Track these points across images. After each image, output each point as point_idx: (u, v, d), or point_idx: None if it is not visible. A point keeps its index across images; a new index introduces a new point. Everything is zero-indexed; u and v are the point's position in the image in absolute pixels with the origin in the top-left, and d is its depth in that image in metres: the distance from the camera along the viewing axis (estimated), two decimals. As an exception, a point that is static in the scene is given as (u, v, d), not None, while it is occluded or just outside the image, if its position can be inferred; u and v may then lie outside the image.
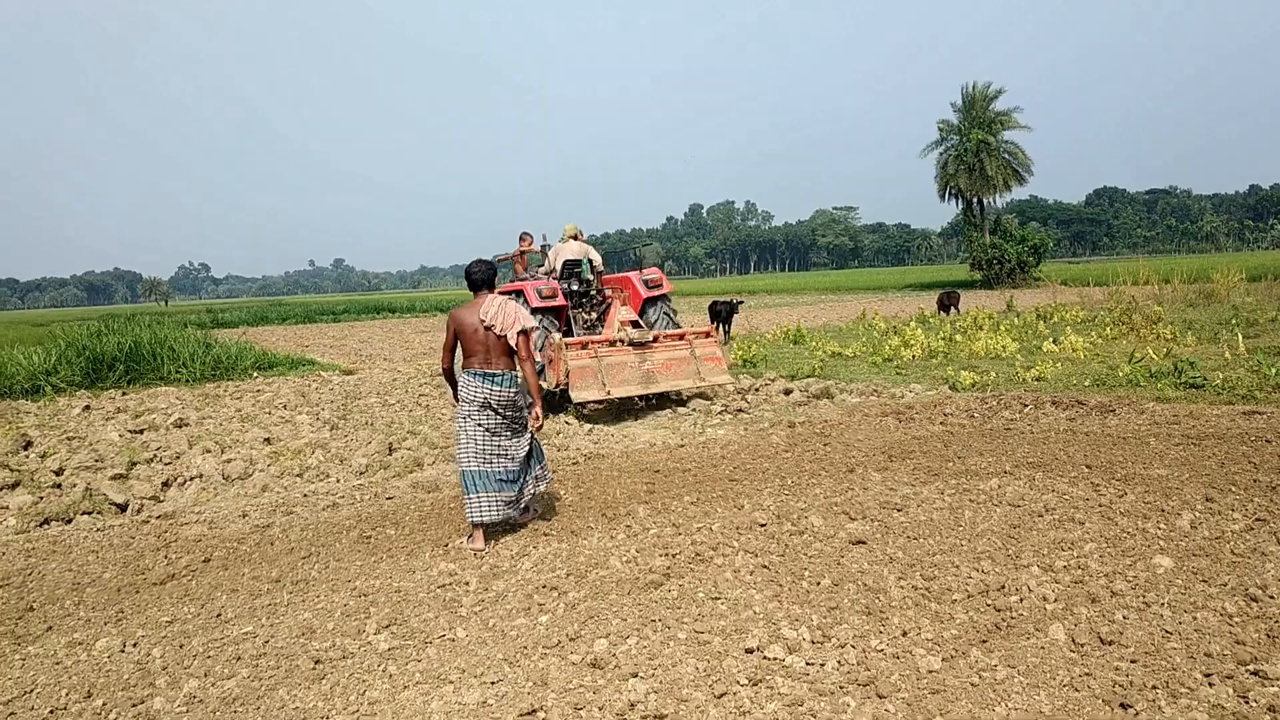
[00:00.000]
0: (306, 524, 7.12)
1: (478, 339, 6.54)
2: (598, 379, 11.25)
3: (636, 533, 6.32)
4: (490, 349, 6.54)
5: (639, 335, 11.67)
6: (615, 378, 11.34)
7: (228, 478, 9.09)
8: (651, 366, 11.59)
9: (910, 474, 7.83)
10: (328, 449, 10.20)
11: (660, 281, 13.17)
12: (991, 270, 54.10)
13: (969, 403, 11.40)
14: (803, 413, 11.42)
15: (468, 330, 6.56)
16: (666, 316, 13.04)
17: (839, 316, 31.86)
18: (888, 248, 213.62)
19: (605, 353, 11.47)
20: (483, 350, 6.55)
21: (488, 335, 6.52)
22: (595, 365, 11.32)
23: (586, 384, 11.19)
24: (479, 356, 6.56)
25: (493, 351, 6.55)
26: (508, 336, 6.52)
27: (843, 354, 17.44)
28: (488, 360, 6.55)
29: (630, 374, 11.46)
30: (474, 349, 6.57)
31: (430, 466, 9.27)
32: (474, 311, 6.57)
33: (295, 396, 15.10)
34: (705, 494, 7.37)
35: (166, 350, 19.17)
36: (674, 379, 11.74)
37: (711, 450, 9.29)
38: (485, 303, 6.59)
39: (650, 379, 11.56)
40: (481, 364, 6.56)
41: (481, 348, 6.55)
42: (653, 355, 11.65)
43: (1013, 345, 16.52)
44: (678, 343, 12.02)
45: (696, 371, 11.88)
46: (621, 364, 11.46)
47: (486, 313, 6.52)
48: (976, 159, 56.17)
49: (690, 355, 11.95)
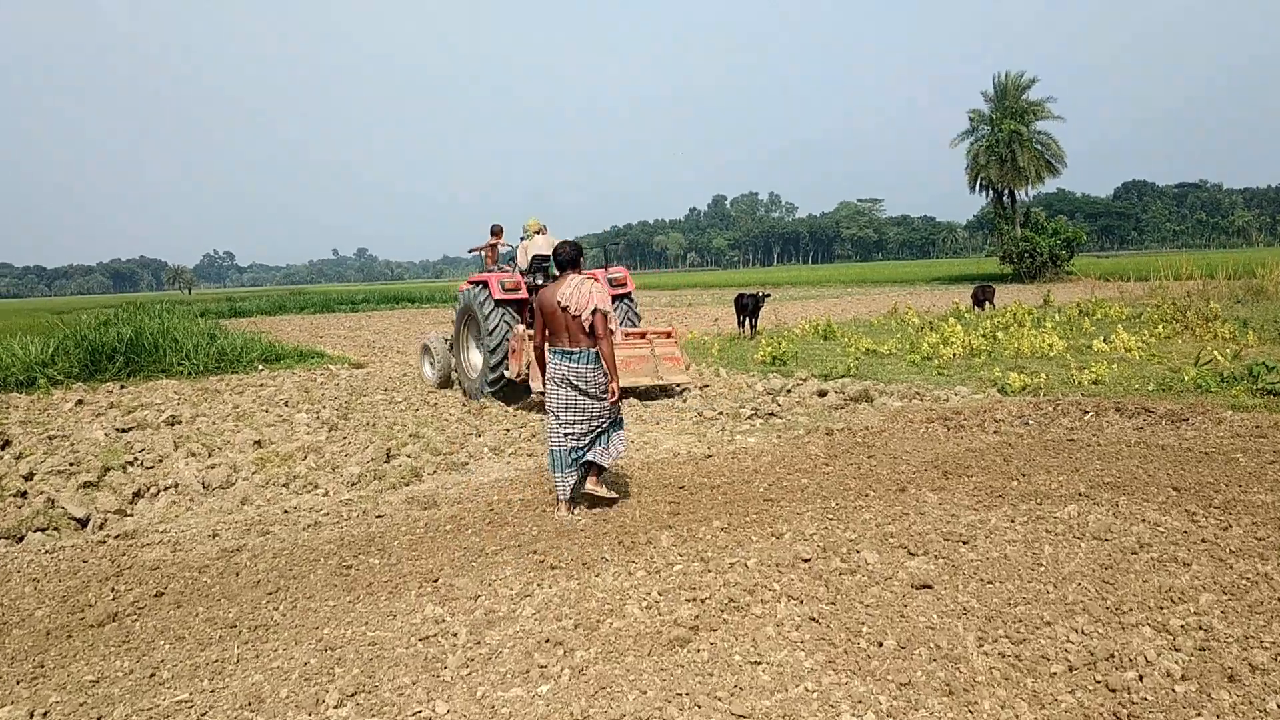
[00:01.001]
0: (281, 548, 6.22)
1: (557, 319, 6.80)
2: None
3: (658, 568, 5.39)
4: (569, 328, 6.77)
5: None
6: None
7: (207, 486, 8.22)
8: None
9: (971, 495, 6.86)
10: (321, 454, 9.32)
11: (625, 280, 13.46)
12: (1023, 264, 52.79)
13: (1021, 408, 10.41)
14: (840, 418, 10.45)
15: (548, 311, 6.83)
16: (631, 314, 13.41)
17: (868, 310, 30.79)
18: (913, 240, 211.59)
19: None
20: (562, 329, 6.81)
21: (565, 316, 6.74)
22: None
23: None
24: (561, 336, 6.84)
25: (571, 331, 6.77)
26: (582, 317, 6.69)
27: (878, 351, 16.44)
28: (569, 339, 6.79)
29: None
30: (556, 329, 6.86)
31: (430, 477, 8.37)
32: (554, 292, 6.80)
33: (298, 392, 14.25)
34: (737, 518, 6.42)
35: (169, 342, 18.40)
36: (633, 376, 12.05)
37: (742, 462, 8.33)
38: (565, 284, 6.81)
39: None
40: (563, 343, 6.83)
41: (562, 328, 6.80)
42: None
43: (1060, 344, 15.49)
44: (639, 341, 12.50)
45: (655, 370, 12.37)
46: None
47: (563, 294, 6.73)
48: (1008, 150, 54.78)
49: (650, 354, 12.45)
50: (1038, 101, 56.32)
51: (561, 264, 7.01)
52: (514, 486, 7.75)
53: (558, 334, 6.86)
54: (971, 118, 58.10)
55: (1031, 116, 55.89)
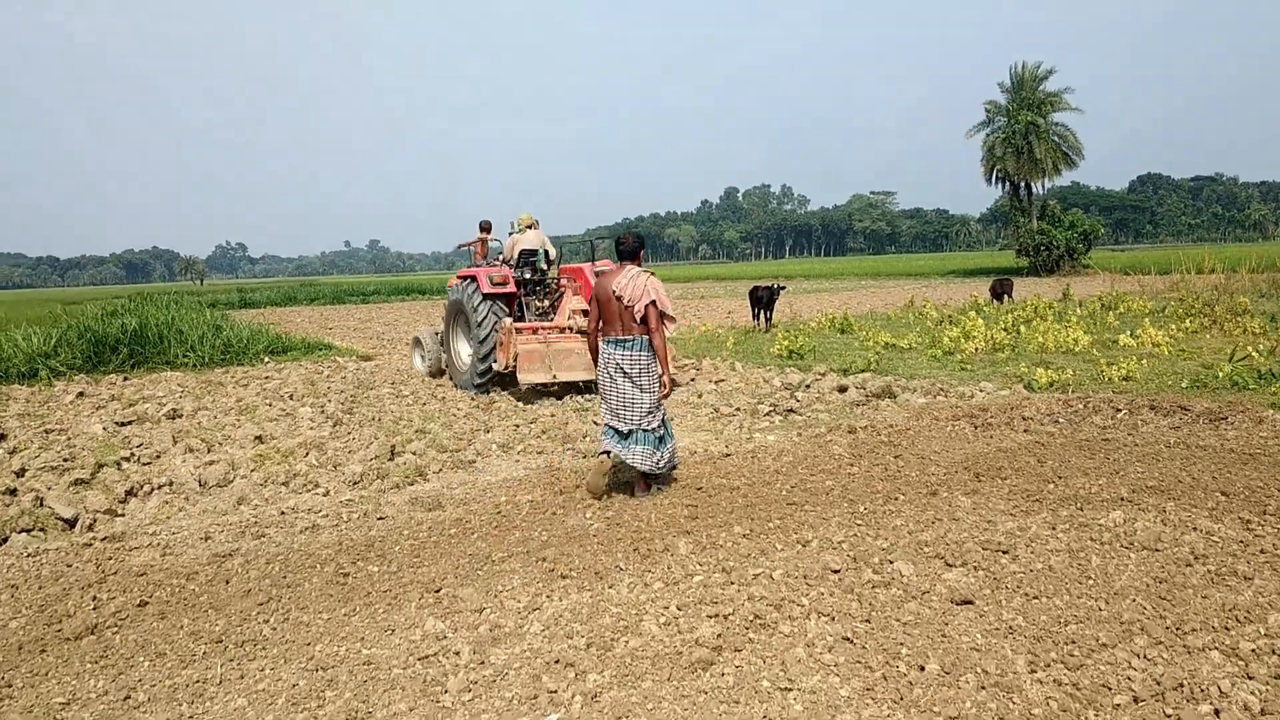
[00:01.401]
0: (275, 553, 5.87)
1: (611, 308, 6.93)
2: (545, 363, 11.79)
3: (677, 579, 5.02)
4: (622, 317, 6.90)
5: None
6: (562, 363, 11.88)
7: (204, 484, 7.89)
8: None
9: (1006, 499, 6.48)
10: (323, 450, 8.98)
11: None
12: (1039, 257, 52.17)
13: (1051, 405, 10.01)
14: (863, 415, 10.06)
15: (603, 299, 6.98)
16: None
17: (883, 303, 30.34)
18: (925, 233, 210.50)
19: (554, 339, 12.10)
20: (614, 318, 6.94)
21: (619, 304, 6.88)
22: (544, 350, 11.85)
23: (534, 367, 11.73)
24: (614, 324, 6.97)
25: (624, 320, 6.90)
26: (635, 308, 6.84)
27: (897, 346, 16.02)
28: (621, 328, 6.93)
29: (577, 360, 11.92)
30: (610, 317, 6.99)
31: (435, 476, 8.00)
32: (611, 281, 6.95)
33: (303, 385, 13.92)
34: (760, 523, 6.05)
35: (174, 333, 18.08)
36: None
37: (763, 462, 7.95)
38: (622, 274, 6.96)
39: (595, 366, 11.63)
40: (615, 331, 6.96)
41: (615, 316, 6.93)
42: None
43: (1085, 339, 15.04)
44: None
45: None
46: (569, 350, 11.98)
47: (619, 284, 6.89)
48: (1025, 141, 54.06)
49: None
50: (1055, 93, 55.56)
51: (623, 254, 7.22)
52: (523, 487, 7.39)
53: (610, 322, 7.01)
54: (988, 109, 57.39)
55: (1049, 108, 55.11)
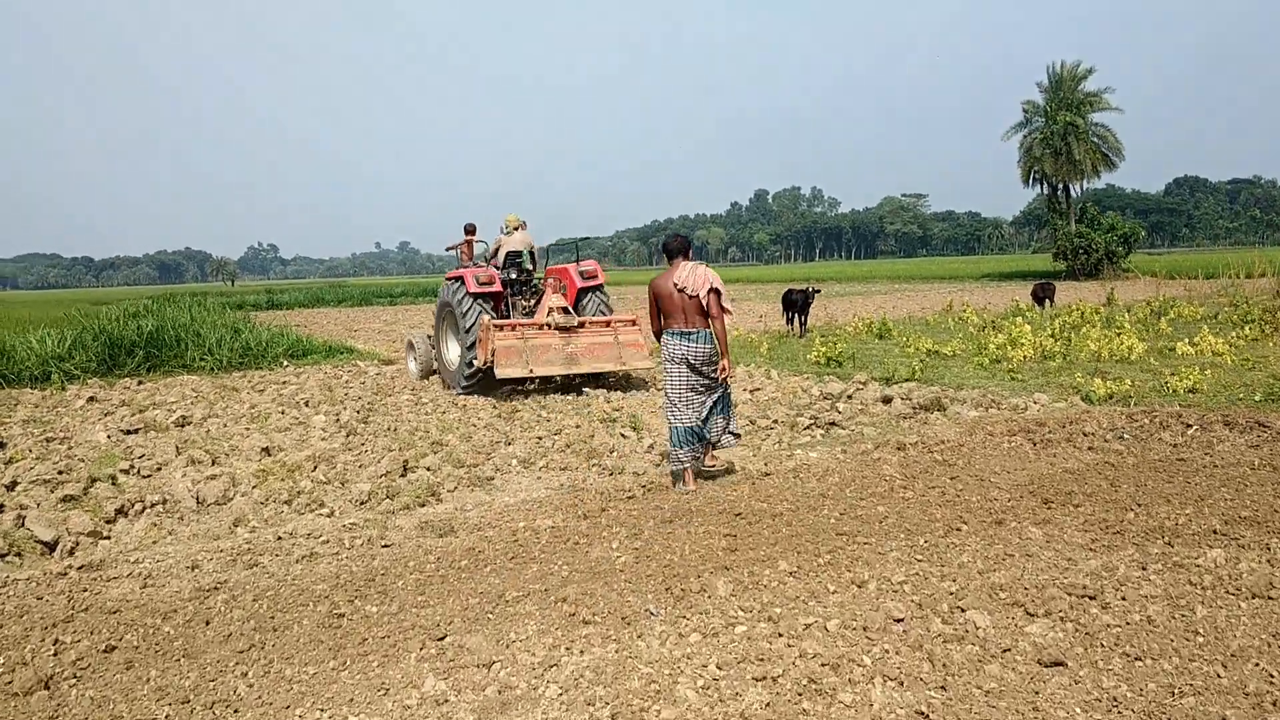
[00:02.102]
0: (265, 588, 5.25)
1: (673, 302, 7.29)
2: (522, 358, 12.04)
3: (716, 629, 4.36)
4: (685, 310, 7.26)
5: (564, 320, 12.59)
6: (539, 358, 12.18)
7: (201, 502, 7.31)
8: (575, 350, 12.48)
9: (1082, 530, 5.78)
10: (332, 464, 8.40)
11: (595, 273, 13.94)
12: (1077, 260, 51.00)
13: (1113, 420, 9.26)
14: (911, 429, 9.35)
15: (664, 295, 7.33)
16: (601, 305, 13.75)
17: (921, 308, 29.51)
18: (958, 236, 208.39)
19: (532, 335, 12.30)
20: (679, 312, 7.28)
21: (681, 297, 7.26)
22: (521, 345, 12.11)
23: (511, 362, 11.96)
24: (677, 318, 7.31)
25: (688, 312, 7.26)
26: (699, 296, 7.19)
27: (941, 353, 15.27)
28: (685, 320, 7.27)
29: (554, 355, 12.31)
30: (672, 311, 7.33)
31: (449, 496, 7.37)
32: (669, 278, 7.33)
33: (319, 391, 13.37)
34: (807, 557, 5.38)
35: (191, 336, 17.61)
36: (596, 361, 12.62)
37: (806, 483, 7.26)
38: (678, 269, 7.35)
39: (573, 360, 12.44)
40: (680, 324, 7.29)
41: (678, 310, 7.28)
42: (577, 339, 12.56)
43: (1139, 346, 14.24)
44: (603, 329, 12.89)
45: (618, 355, 12.72)
46: (546, 345, 12.30)
47: (679, 277, 7.27)
48: (1063, 142, 52.82)
49: (614, 340, 12.80)
50: (1095, 92, 54.29)
51: (672, 252, 7.48)
52: (543, 510, 6.74)
53: (673, 315, 7.32)
54: (1025, 109, 56.19)
55: (1088, 108, 53.92)
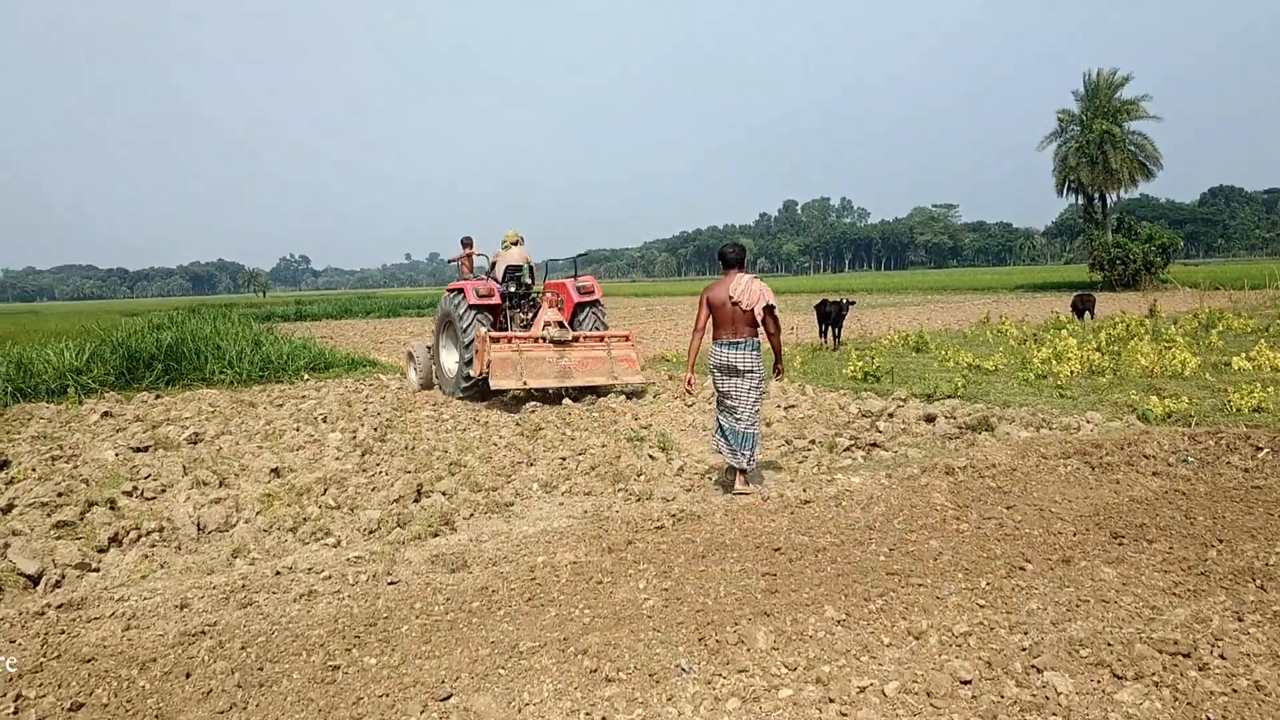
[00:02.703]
0: (257, 633, 4.76)
1: (725, 313, 7.46)
2: (516, 370, 12.30)
3: (757, 692, 3.82)
4: (736, 321, 7.43)
5: (559, 334, 12.82)
6: (533, 371, 12.43)
7: (202, 529, 6.86)
8: (569, 363, 12.73)
9: (1161, 570, 5.20)
10: (344, 486, 7.93)
11: (592, 289, 14.13)
12: (1115, 271, 50.05)
13: (1174, 441, 8.64)
14: (958, 451, 8.76)
15: (717, 304, 7.49)
16: (597, 320, 13.98)
17: (956, 320, 28.82)
18: (989, 247, 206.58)
19: (526, 348, 12.55)
20: (730, 323, 7.46)
21: (735, 310, 7.40)
22: (516, 358, 12.37)
23: (506, 374, 12.21)
24: (727, 328, 7.50)
25: (739, 323, 7.44)
26: (754, 310, 7.37)
27: (982, 367, 14.63)
28: (734, 331, 7.45)
29: (548, 368, 12.55)
30: (723, 321, 7.51)
31: (465, 524, 6.86)
32: (724, 288, 7.45)
33: (338, 406, 12.93)
34: (856, 602, 4.83)
35: (211, 349, 17.24)
36: (589, 375, 12.84)
37: (849, 512, 6.70)
38: (734, 280, 7.46)
39: (566, 374, 12.69)
40: (728, 335, 7.47)
41: (729, 321, 7.46)
42: (571, 353, 12.82)
43: (1193, 360, 13.56)
44: (596, 344, 13.10)
45: (610, 370, 12.93)
46: (540, 359, 12.55)
47: (735, 289, 7.39)
48: (1100, 151, 51.88)
49: (606, 355, 13.02)
50: (1131, 100, 53.32)
51: (729, 263, 7.63)
52: (565, 541, 6.21)
53: (723, 325, 7.51)
54: (1060, 118, 55.28)
55: (1125, 116, 52.98)
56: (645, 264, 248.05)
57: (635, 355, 13.31)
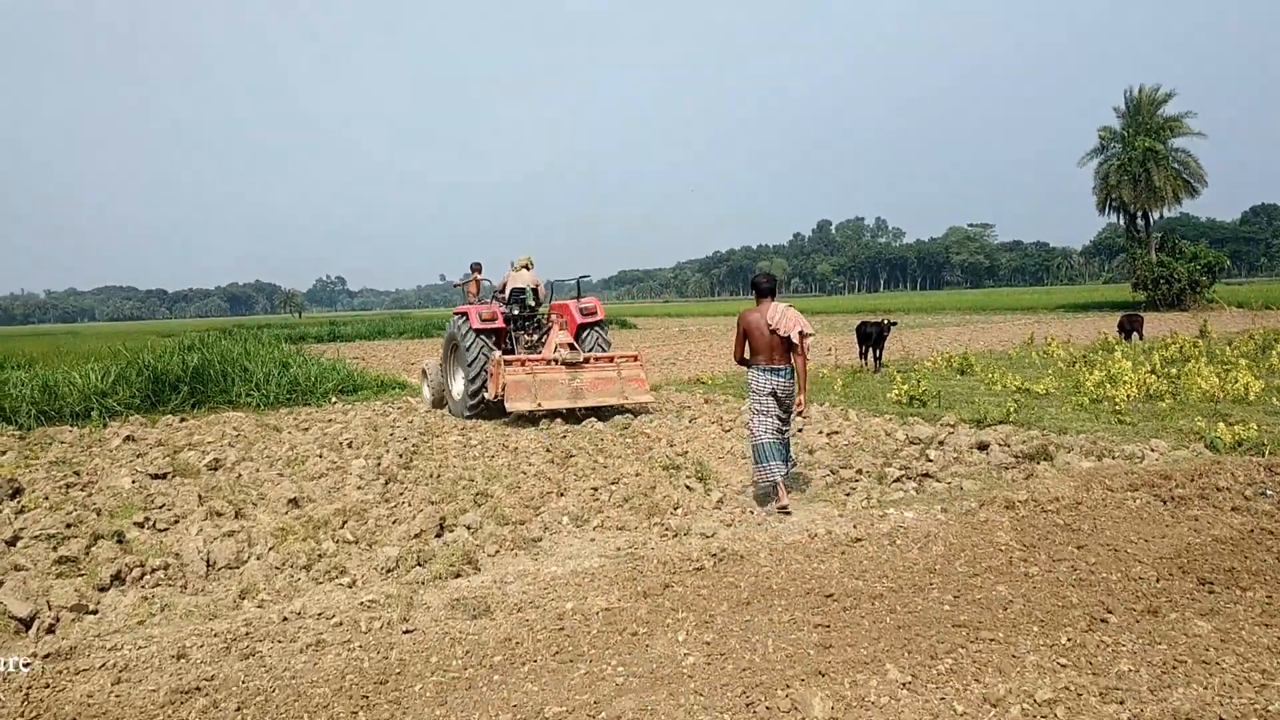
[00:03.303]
0: (255, 690, 4.31)
1: (763, 340, 7.78)
2: (531, 393, 12.72)
3: (816, 773, 3.32)
4: (774, 348, 7.76)
5: (571, 356, 13.25)
6: (547, 392, 12.84)
7: (211, 565, 6.46)
8: (580, 384, 13.08)
9: (1262, 624, 4.64)
10: (363, 519, 7.50)
11: (595, 310, 14.57)
12: (1159, 291, 49.04)
13: (1249, 472, 8.02)
14: (1017, 483, 8.19)
15: (754, 330, 7.83)
16: (599, 340, 14.36)
17: (998, 341, 28.10)
18: (1025, 266, 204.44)
19: (540, 370, 12.98)
20: (767, 349, 7.78)
21: (774, 337, 7.74)
22: (530, 381, 12.81)
23: (520, 396, 12.65)
24: (764, 354, 7.81)
25: (775, 350, 7.77)
26: (791, 336, 7.68)
27: (1033, 391, 14.02)
28: (771, 358, 7.79)
29: (560, 390, 12.94)
30: (760, 347, 7.82)
31: (489, 563, 6.38)
32: (761, 315, 7.81)
33: (364, 431, 12.54)
34: (922, 661, 4.31)
35: (238, 371, 16.97)
36: (601, 396, 13.17)
37: (905, 552, 6.16)
38: (770, 309, 7.82)
39: (579, 395, 13.03)
40: (767, 361, 7.80)
41: (766, 346, 7.78)
42: (582, 374, 13.19)
43: (1256, 384, 12.89)
44: (606, 365, 13.48)
45: (621, 390, 13.25)
46: (553, 380, 12.95)
47: (772, 317, 7.77)
48: (1143, 169, 50.93)
49: (617, 376, 13.38)
50: (1175, 117, 52.37)
51: (763, 292, 7.98)
52: (596, 584, 5.71)
53: (761, 351, 7.83)
54: (1101, 135, 54.36)
55: (1168, 133, 52.01)
56: (678, 284, 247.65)
57: (644, 375, 13.72)
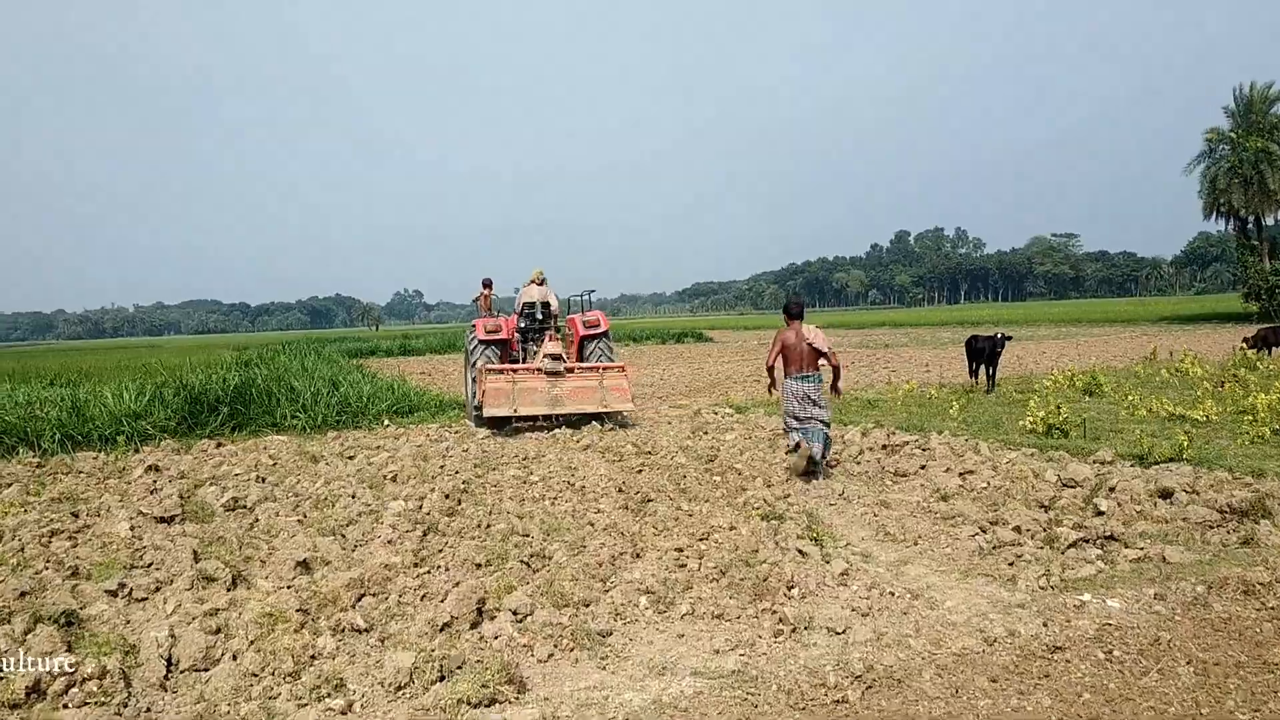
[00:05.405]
0: None
1: (797, 352, 9.32)
2: (509, 399, 13.26)
3: None
4: (805, 359, 9.29)
5: (552, 366, 13.55)
6: (525, 400, 13.37)
7: (173, 666, 4.83)
8: (560, 392, 13.54)
9: None
10: (384, 594, 5.82)
11: (598, 322, 15.08)
12: (1274, 301, 45.73)
13: None
14: (1233, 549, 6.21)
15: (789, 345, 9.39)
16: (603, 352, 14.73)
17: (1110, 356, 25.73)
18: (1112, 277, 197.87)
19: (520, 378, 13.49)
20: (799, 360, 9.32)
21: (806, 349, 9.27)
22: (509, 388, 13.34)
23: (499, 403, 13.23)
24: (796, 364, 9.33)
25: (806, 361, 9.30)
26: (821, 348, 9.26)
27: (1189, 417, 11.90)
28: (802, 366, 9.30)
29: (539, 397, 13.43)
30: (793, 359, 9.37)
31: (537, 678, 4.59)
32: (795, 333, 9.36)
33: (413, 462, 10.89)
34: None
35: (284, 390, 15.54)
36: (579, 404, 13.61)
37: (1131, 671, 4.22)
38: (803, 329, 9.36)
39: (557, 402, 13.52)
40: (798, 369, 9.31)
41: (798, 357, 9.32)
42: (563, 383, 13.60)
43: None
44: (589, 374, 13.88)
45: (602, 399, 13.65)
46: (533, 389, 13.44)
47: (808, 335, 9.27)
48: (1255, 171, 47.71)
49: (598, 385, 13.76)
50: (1291, 115, 49.11)
51: (793, 314, 9.55)
52: (691, 724, 3.92)
53: (795, 363, 9.33)
54: (1208, 138, 51.15)
55: (1283, 132, 48.72)
56: (754, 296, 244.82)
57: (627, 385, 14.05)
